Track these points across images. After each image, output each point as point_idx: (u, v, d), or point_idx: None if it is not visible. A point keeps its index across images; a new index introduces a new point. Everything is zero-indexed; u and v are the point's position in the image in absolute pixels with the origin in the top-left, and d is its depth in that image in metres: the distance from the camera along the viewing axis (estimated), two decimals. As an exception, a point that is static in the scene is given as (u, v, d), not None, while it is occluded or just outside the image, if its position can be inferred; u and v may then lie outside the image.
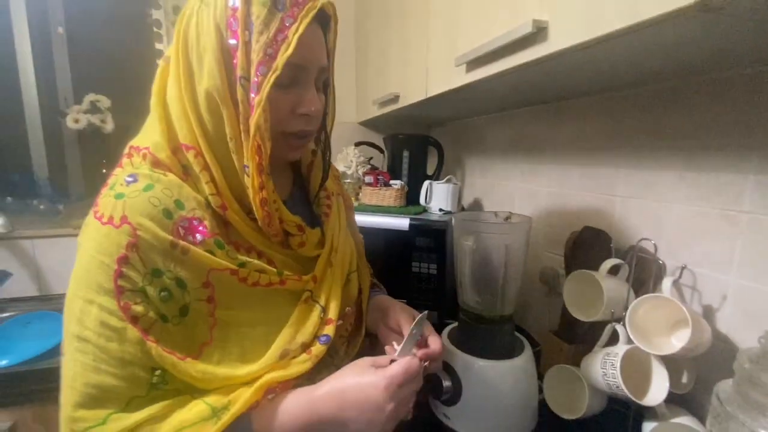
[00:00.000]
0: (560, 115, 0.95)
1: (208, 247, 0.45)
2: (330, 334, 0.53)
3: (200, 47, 0.45)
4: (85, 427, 0.41)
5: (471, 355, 0.69)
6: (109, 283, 0.41)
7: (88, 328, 0.41)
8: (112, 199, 0.44)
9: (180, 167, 0.47)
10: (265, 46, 0.43)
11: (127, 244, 0.42)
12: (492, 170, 1.26)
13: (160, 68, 0.50)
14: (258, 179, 0.46)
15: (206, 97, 0.45)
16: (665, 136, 0.70)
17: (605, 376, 0.63)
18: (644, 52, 0.51)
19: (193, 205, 0.46)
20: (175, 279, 0.44)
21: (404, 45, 1.05)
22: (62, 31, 1.42)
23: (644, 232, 0.73)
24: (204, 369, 0.45)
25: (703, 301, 0.64)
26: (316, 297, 0.55)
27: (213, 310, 0.47)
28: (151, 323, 0.43)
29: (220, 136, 0.46)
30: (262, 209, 0.48)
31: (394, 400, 0.45)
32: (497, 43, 0.57)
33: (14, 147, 1.41)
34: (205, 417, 0.43)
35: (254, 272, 0.48)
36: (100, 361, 0.41)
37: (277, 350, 0.49)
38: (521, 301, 1.10)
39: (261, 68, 0.43)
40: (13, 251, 1.32)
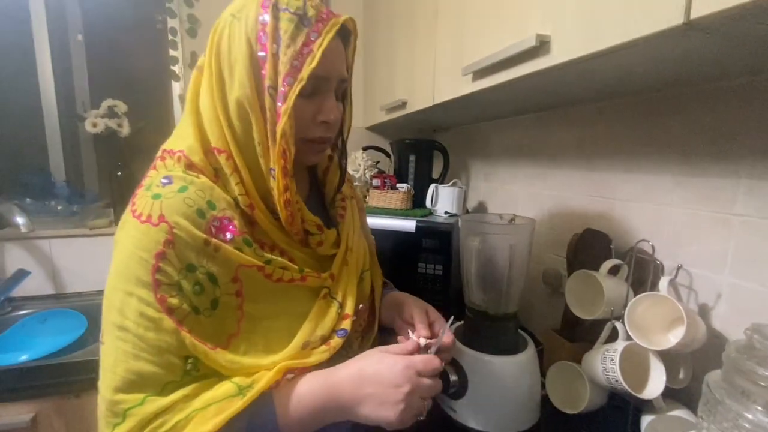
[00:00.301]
0: (562, 122, 0.98)
1: (237, 245, 0.49)
2: (347, 328, 0.56)
3: (232, 58, 0.48)
4: (125, 408, 0.44)
5: (477, 350, 0.72)
6: (148, 277, 0.45)
7: (128, 318, 0.44)
8: (149, 200, 0.47)
9: (212, 170, 0.51)
10: (291, 59, 0.47)
11: (164, 241, 0.45)
12: (496, 174, 1.30)
13: (193, 77, 0.54)
14: (283, 181, 0.49)
15: (237, 104, 0.49)
16: (662, 142, 0.73)
17: (605, 371, 0.66)
18: (640, 65, 0.55)
19: (223, 205, 0.49)
20: (207, 274, 0.47)
21: (411, 53, 1.09)
22: (81, 38, 1.47)
23: (643, 233, 0.76)
24: (232, 359, 0.48)
25: (699, 300, 0.67)
26: (333, 293, 0.58)
27: (241, 304, 0.50)
28: (185, 315, 0.46)
29: (248, 141, 0.50)
30: (286, 209, 0.51)
31: (411, 383, 0.47)
32: (503, 55, 0.61)
33: (33, 150, 1.46)
34: (231, 394, 0.46)
35: (278, 269, 0.52)
36: (139, 349, 0.44)
37: (300, 342, 0.52)
38: (525, 301, 1.13)
39: (288, 79, 0.47)
40: (31, 251, 1.37)
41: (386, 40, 1.33)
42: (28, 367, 0.97)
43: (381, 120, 1.38)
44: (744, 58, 0.51)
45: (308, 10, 0.49)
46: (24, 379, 0.95)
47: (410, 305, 0.66)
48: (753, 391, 0.40)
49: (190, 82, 0.54)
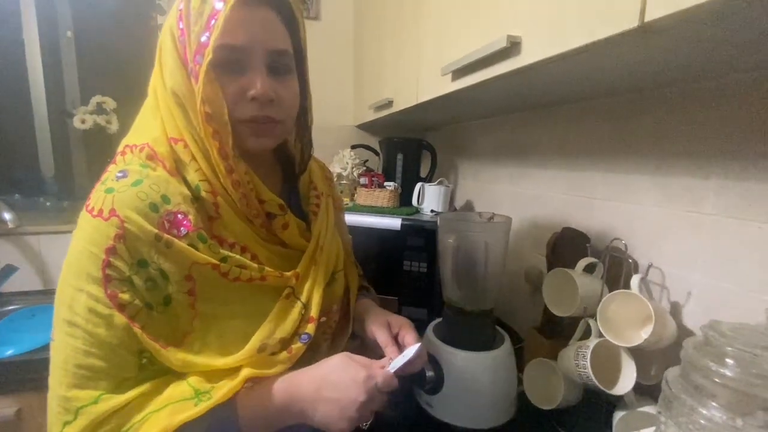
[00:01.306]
0: (545, 122, 0.99)
1: (191, 241, 0.47)
2: (310, 332, 0.55)
3: (164, 50, 0.50)
4: (78, 406, 0.43)
5: (453, 347, 0.73)
6: (98, 272, 0.44)
7: (78, 314, 0.44)
8: (102, 194, 0.46)
9: (173, 160, 0.50)
10: (199, 35, 0.45)
11: (114, 235, 0.44)
12: (482, 173, 1.31)
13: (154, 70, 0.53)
14: (223, 163, 0.48)
15: (173, 94, 0.49)
16: (639, 143, 0.74)
17: (578, 367, 0.67)
18: (611, 66, 0.56)
19: (178, 200, 0.48)
20: (159, 270, 0.46)
21: (398, 53, 1.09)
22: (71, 35, 1.47)
23: (620, 232, 0.77)
24: (184, 358, 0.47)
25: (671, 298, 0.68)
26: (297, 294, 0.56)
27: (194, 303, 0.48)
28: (137, 311, 0.45)
29: (194, 128, 0.49)
30: (237, 191, 0.50)
31: (368, 396, 0.47)
32: (477, 55, 0.62)
33: (22, 146, 1.46)
34: (187, 397, 0.46)
35: (235, 267, 0.50)
36: (89, 345, 0.44)
37: (256, 343, 0.50)
38: (508, 299, 1.15)
39: (197, 57, 0.45)
40: (20, 246, 1.37)
41: (375, 40, 1.34)
42: (13, 361, 0.98)
43: (370, 119, 1.39)
44: (707, 62, 0.52)
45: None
46: (9, 373, 0.95)
47: (371, 322, 0.63)
48: (707, 386, 0.41)
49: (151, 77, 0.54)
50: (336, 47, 1.65)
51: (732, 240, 0.59)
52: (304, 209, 0.64)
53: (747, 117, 0.57)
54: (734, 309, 0.59)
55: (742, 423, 0.38)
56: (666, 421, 0.44)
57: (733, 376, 0.39)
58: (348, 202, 1.32)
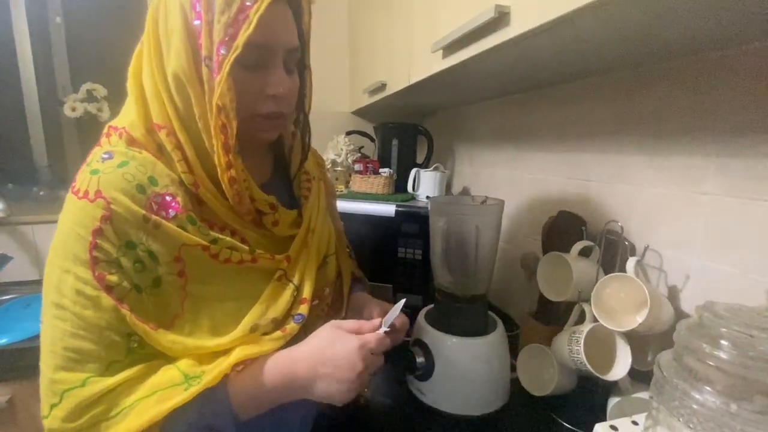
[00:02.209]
0: (543, 103, 0.96)
1: (180, 223, 0.47)
2: (304, 313, 0.55)
3: (168, 29, 0.46)
4: (64, 388, 0.42)
5: (444, 332, 0.71)
6: (85, 254, 0.43)
7: (66, 296, 0.43)
8: (87, 175, 0.45)
9: (155, 146, 0.49)
10: (226, 26, 0.43)
11: (101, 216, 0.43)
12: (480, 158, 1.28)
13: (136, 51, 0.51)
14: (224, 158, 0.47)
15: (174, 78, 0.46)
16: (637, 121, 0.71)
17: (571, 352, 0.65)
18: (607, 36, 0.53)
19: (166, 182, 0.47)
20: (148, 252, 0.46)
21: (390, 34, 1.06)
22: (60, 21, 1.44)
23: (616, 215, 0.75)
24: (174, 339, 0.46)
25: (668, 282, 0.66)
26: (289, 276, 0.56)
27: (184, 284, 0.48)
28: (125, 293, 0.45)
29: (190, 116, 0.47)
30: (232, 188, 0.49)
31: (364, 363, 0.48)
32: (465, 29, 0.59)
33: (14, 135, 1.45)
34: (176, 382, 0.45)
35: (225, 249, 0.50)
36: (77, 327, 0.43)
37: (248, 324, 0.50)
38: (504, 286, 1.13)
39: (222, 48, 0.44)
40: (14, 236, 1.37)
41: (368, 21, 1.30)
42: (5, 349, 0.97)
43: (365, 103, 1.36)
44: (706, 31, 0.49)
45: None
46: (2, 361, 0.95)
47: (371, 306, 0.65)
48: (700, 369, 0.39)
49: (132, 57, 0.51)
50: (331, 31, 1.61)
51: (733, 220, 0.57)
52: (295, 194, 0.64)
53: (752, 89, 0.54)
54: (734, 292, 0.57)
55: (737, 408, 0.36)
56: (658, 407, 0.42)
57: (728, 358, 0.37)
58: (343, 190, 1.30)
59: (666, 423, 0.41)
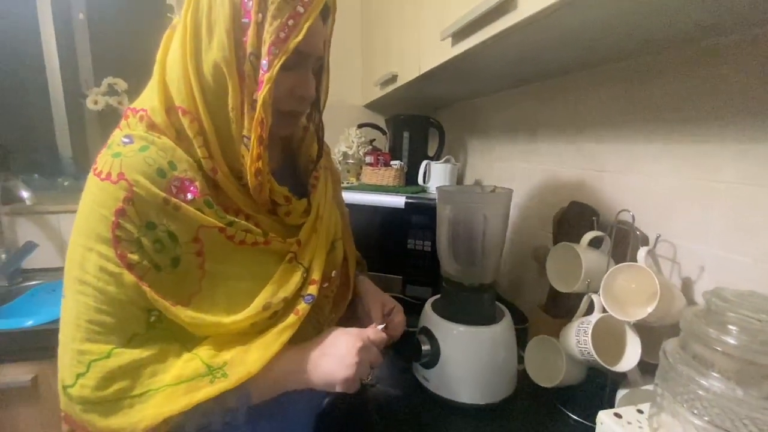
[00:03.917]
0: (556, 93, 0.94)
1: (197, 206, 0.49)
2: (313, 293, 0.56)
3: (212, 18, 0.47)
4: (90, 359, 0.45)
5: (450, 321, 0.71)
6: (107, 233, 0.45)
7: (89, 272, 0.45)
8: (110, 158, 0.47)
9: (174, 131, 0.50)
10: (277, 30, 0.46)
11: (123, 198, 0.45)
12: (492, 150, 1.27)
13: (166, 35, 0.52)
14: (257, 150, 0.49)
15: (213, 66, 0.48)
16: (651, 108, 0.69)
17: (578, 343, 0.64)
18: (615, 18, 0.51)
19: (185, 166, 0.49)
20: (167, 232, 0.47)
21: (401, 24, 1.06)
22: (83, 17, 1.49)
23: (629, 204, 0.73)
24: (193, 315, 0.48)
25: (682, 273, 0.65)
26: (300, 259, 0.58)
27: (202, 263, 0.50)
28: (145, 271, 0.47)
29: (220, 105, 0.49)
30: (256, 178, 0.50)
31: (363, 342, 0.52)
32: (473, 14, 0.58)
33: (40, 128, 1.51)
34: (201, 374, 0.47)
35: (241, 231, 0.52)
36: (100, 302, 0.45)
37: (261, 303, 0.52)
38: (515, 278, 1.12)
39: (273, 49, 0.46)
40: (40, 224, 1.42)
41: (381, 14, 1.30)
42: (30, 330, 1.02)
43: (377, 96, 1.36)
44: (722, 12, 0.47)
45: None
46: (26, 341, 1.00)
47: (369, 299, 0.69)
48: (707, 356, 0.38)
49: (162, 41, 0.53)
50: (343, 24, 1.60)
51: (749, 209, 0.55)
52: (304, 183, 0.65)
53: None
54: (750, 283, 0.55)
55: (743, 394, 0.35)
56: (662, 393, 0.41)
57: (736, 344, 0.36)
58: (354, 182, 1.31)
59: (670, 410, 0.40)
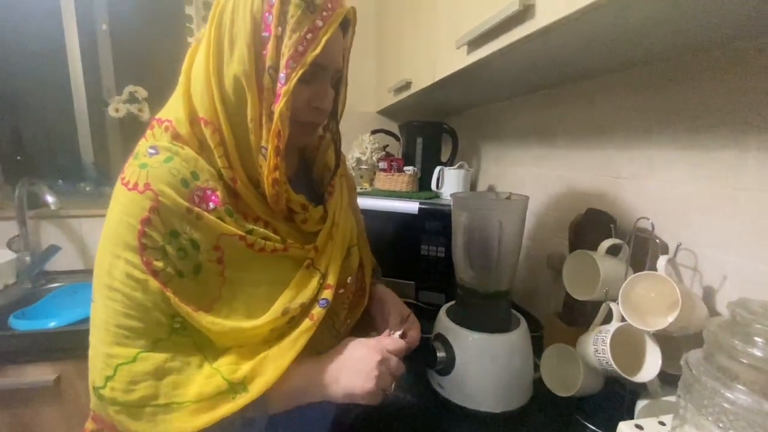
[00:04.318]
0: (570, 99, 0.94)
1: (219, 215, 0.50)
2: (328, 298, 0.57)
3: (234, 32, 0.49)
4: (118, 363, 0.47)
5: (465, 328, 0.71)
6: (134, 241, 0.47)
7: (116, 278, 0.47)
8: (137, 169, 0.49)
9: (197, 141, 0.52)
10: (296, 43, 0.47)
11: (150, 207, 0.47)
12: (505, 156, 1.26)
13: (191, 48, 0.54)
14: (274, 160, 0.50)
15: (234, 79, 0.49)
16: (670, 115, 0.68)
17: (596, 352, 0.64)
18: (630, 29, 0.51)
19: (207, 176, 0.51)
20: (190, 240, 0.49)
21: (415, 31, 1.07)
22: (106, 28, 1.54)
23: (647, 212, 0.72)
24: (213, 320, 0.50)
25: (703, 282, 0.63)
26: (316, 265, 0.59)
27: (222, 270, 0.51)
28: (169, 277, 0.48)
29: (240, 116, 0.50)
30: (273, 188, 0.52)
31: (381, 354, 0.52)
32: (490, 23, 0.59)
33: (65, 134, 1.56)
34: (222, 390, 0.48)
35: (260, 239, 0.53)
36: (127, 307, 0.47)
37: (279, 308, 0.53)
38: (529, 285, 1.11)
39: (290, 62, 0.48)
40: (63, 228, 1.47)
41: (395, 21, 1.31)
42: (53, 331, 1.05)
43: (390, 103, 1.37)
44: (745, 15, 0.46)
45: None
46: (49, 342, 1.03)
47: (388, 306, 0.69)
48: (732, 368, 0.38)
49: (187, 53, 0.54)
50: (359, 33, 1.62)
51: (774, 217, 0.54)
52: (318, 190, 0.67)
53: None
54: (775, 293, 0.54)
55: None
56: (685, 405, 0.41)
57: (762, 356, 0.35)
58: (367, 187, 1.32)
59: (694, 422, 0.39)
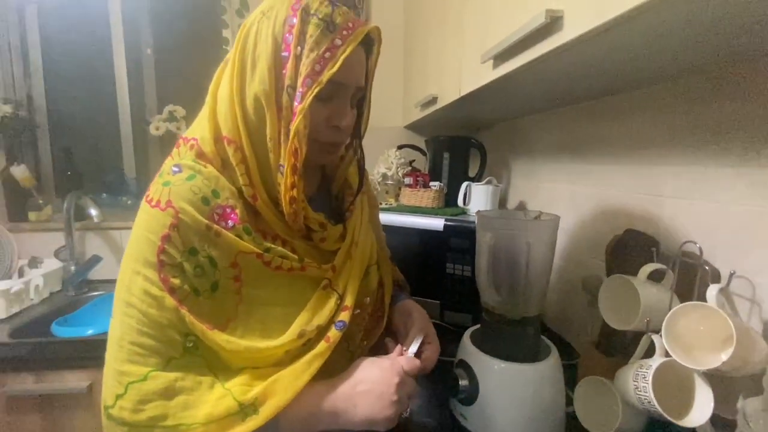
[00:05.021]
0: (607, 112, 0.89)
1: (237, 232, 0.51)
2: (345, 320, 0.56)
3: (256, 54, 0.50)
4: (129, 381, 0.46)
5: (490, 355, 0.67)
6: (153, 257, 0.47)
7: (134, 295, 0.47)
8: (160, 186, 0.50)
9: (219, 160, 0.53)
10: (313, 62, 0.48)
11: (170, 224, 0.48)
12: (537, 172, 1.21)
13: (219, 68, 0.56)
14: (291, 178, 0.50)
15: (254, 99, 0.50)
16: (719, 128, 0.62)
17: (637, 389, 0.58)
18: (676, 35, 0.47)
19: (227, 195, 0.51)
20: (208, 258, 0.49)
21: (442, 47, 1.06)
22: (150, 52, 1.64)
23: (695, 235, 0.65)
24: (228, 339, 0.49)
25: (763, 315, 0.56)
26: (334, 285, 0.58)
27: (239, 288, 0.51)
28: (185, 295, 0.48)
29: (260, 135, 0.51)
30: (291, 206, 0.52)
31: (399, 376, 0.51)
32: (516, 36, 0.56)
33: (110, 151, 1.67)
34: (233, 412, 0.47)
35: (277, 257, 0.53)
36: (142, 324, 0.47)
37: (296, 330, 0.52)
38: (563, 310, 1.04)
39: (307, 81, 0.48)
40: (105, 239, 1.55)
41: (423, 37, 1.31)
42: (89, 339, 1.10)
43: (416, 118, 1.36)
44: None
45: (336, 18, 0.49)
46: (85, 350, 1.07)
47: (414, 322, 0.66)
48: (801, 425, 0.32)
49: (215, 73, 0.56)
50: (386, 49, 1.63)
51: None
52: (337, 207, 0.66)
53: None
54: None
55: None
56: (743, 464, 0.35)
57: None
58: (392, 203, 1.30)
59: (754, 486, 0.34)
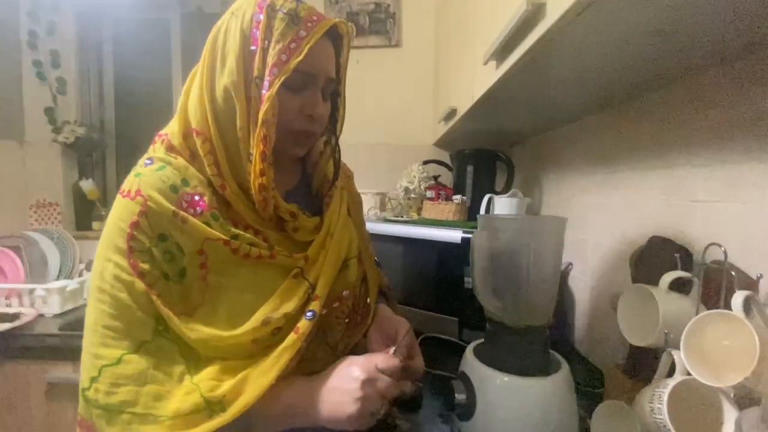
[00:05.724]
0: (636, 116, 0.83)
1: (205, 219, 0.52)
2: (316, 309, 0.55)
3: (225, 50, 0.53)
4: (102, 364, 0.48)
5: (491, 368, 0.62)
6: (123, 244, 0.49)
7: (106, 281, 0.49)
8: (132, 178, 0.52)
9: (188, 152, 0.54)
10: (279, 52, 0.50)
11: (138, 211, 0.50)
12: (567, 184, 1.15)
13: (192, 71, 0.59)
14: (260, 165, 0.51)
15: (224, 91, 0.52)
16: (752, 124, 0.56)
17: (653, 412, 0.50)
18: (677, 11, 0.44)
19: (196, 183, 0.53)
20: (176, 244, 0.51)
21: (459, 57, 1.06)
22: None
23: (729, 239, 0.58)
24: (193, 327, 0.50)
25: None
26: (306, 274, 0.57)
27: (205, 275, 0.52)
28: (155, 279, 0.50)
29: (230, 126, 0.53)
30: (260, 194, 0.53)
31: (368, 374, 0.50)
32: (506, 30, 0.56)
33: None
34: (199, 409, 0.47)
35: (245, 245, 0.53)
36: (114, 308, 0.48)
37: (260, 317, 0.52)
38: (592, 331, 0.95)
39: (274, 70, 0.50)
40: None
41: (445, 54, 1.33)
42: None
43: (442, 132, 1.36)
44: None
45: (300, 12, 0.52)
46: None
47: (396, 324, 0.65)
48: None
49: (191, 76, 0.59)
50: (416, 73, 1.68)
51: None
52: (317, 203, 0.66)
53: None
54: None
55: None
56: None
57: None
58: (414, 217, 1.29)
59: None
